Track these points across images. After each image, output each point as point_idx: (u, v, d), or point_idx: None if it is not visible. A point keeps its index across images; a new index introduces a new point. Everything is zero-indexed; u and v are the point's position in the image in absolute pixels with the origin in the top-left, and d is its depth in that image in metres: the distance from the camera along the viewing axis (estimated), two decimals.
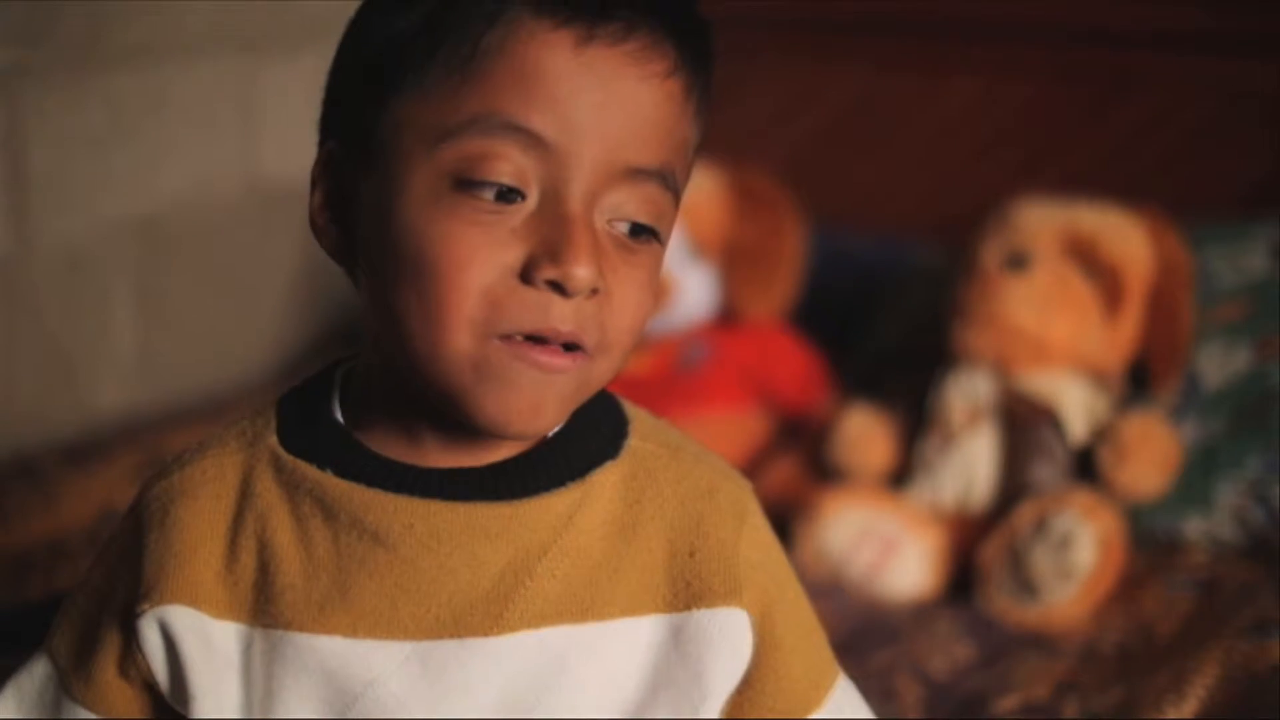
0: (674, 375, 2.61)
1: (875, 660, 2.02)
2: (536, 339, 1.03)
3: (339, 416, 1.13)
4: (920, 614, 2.19)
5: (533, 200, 1.02)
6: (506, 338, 1.02)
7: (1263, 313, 2.43)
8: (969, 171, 3.01)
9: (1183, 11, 2.83)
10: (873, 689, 1.90)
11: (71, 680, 1.16)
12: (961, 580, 2.26)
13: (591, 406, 1.14)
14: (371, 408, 1.12)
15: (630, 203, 1.05)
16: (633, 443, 1.16)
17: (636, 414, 1.19)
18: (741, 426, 2.60)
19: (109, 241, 2.65)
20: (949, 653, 2.07)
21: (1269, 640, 1.96)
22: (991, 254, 2.40)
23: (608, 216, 1.04)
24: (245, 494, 1.12)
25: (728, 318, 2.71)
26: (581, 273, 1.01)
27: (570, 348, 1.04)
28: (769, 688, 1.16)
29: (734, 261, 2.70)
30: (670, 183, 1.07)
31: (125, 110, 2.63)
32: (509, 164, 1.01)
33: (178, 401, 2.75)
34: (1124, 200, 2.46)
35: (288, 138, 2.87)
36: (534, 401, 1.04)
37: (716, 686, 1.14)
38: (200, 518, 1.12)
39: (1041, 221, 2.41)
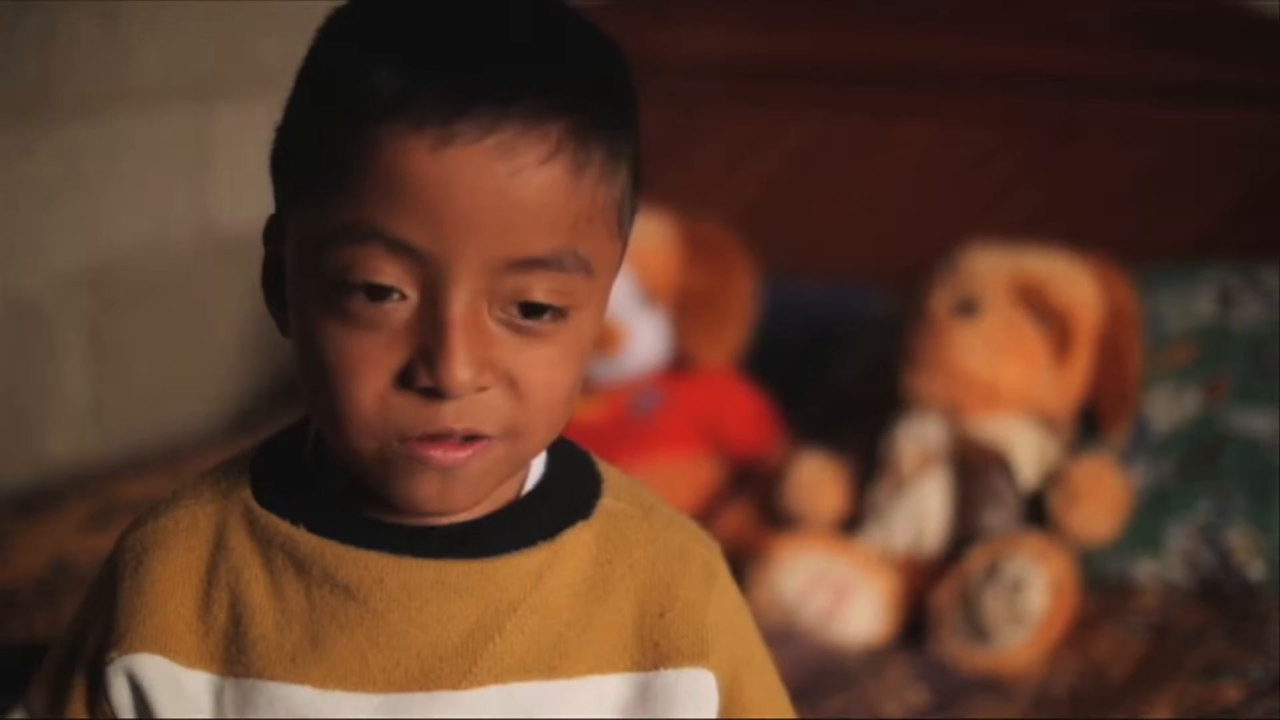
0: (626, 422, 2.61)
1: (829, 706, 2.02)
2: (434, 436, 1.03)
3: (310, 470, 1.14)
4: (873, 659, 2.19)
5: (413, 300, 1.00)
6: (403, 439, 1.03)
7: (1211, 356, 2.45)
8: (920, 218, 3.03)
9: (1131, 58, 2.86)
10: None
11: None
12: (914, 625, 2.26)
13: (565, 465, 1.15)
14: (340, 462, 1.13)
15: (525, 290, 1.01)
16: (605, 502, 1.16)
17: (610, 473, 1.19)
18: (694, 473, 2.60)
19: (61, 291, 2.65)
20: (902, 698, 2.07)
21: (1220, 683, 1.97)
22: (941, 300, 2.41)
23: (501, 305, 1.01)
24: (219, 546, 1.12)
25: (679, 365, 2.72)
26: (458, 377, 0.99)
27: (472, 438, 1.03)
28: None
29: (685, 309, 2.70)
30: (570, 264, 1.02)
31: (76, 159, 2.63)
32: (380, 270, 0.99)
33: (130, 451, 2.74)
34: (1073, 246, 2.47)
35: (240, 186, 2.87)
36: (440, 491, 1.05)
37: None
38: (173, 568, 1.12)
39: (991, 267, 2.42)
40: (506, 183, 0.98)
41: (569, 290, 1.03)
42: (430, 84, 0.97)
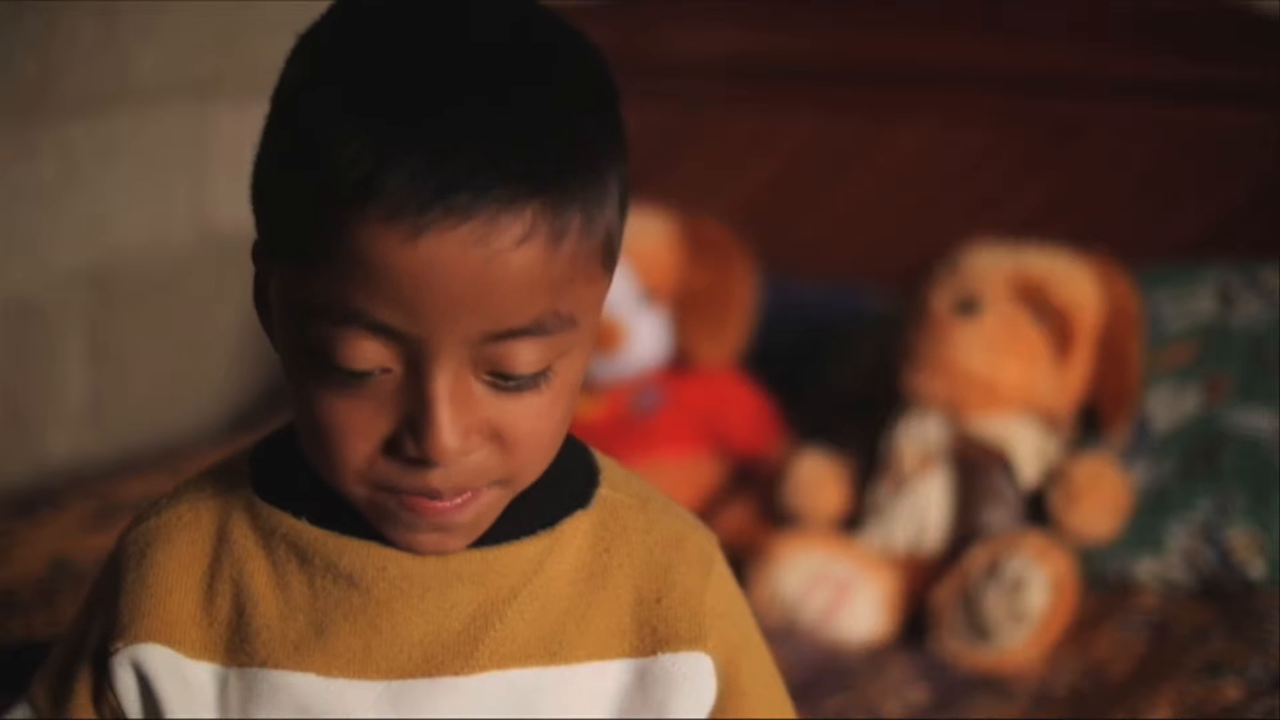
0: (626, 421, 2.61)
1: (829, 705, 2.02)
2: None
3: (310, 465, 1.14)
4: (874, 658, 2.19)
5: (397, 371, 1.00)
6: (394, 491, 1.04)
7: (1211, 355, 2.45)
8: (920, 217, 3.03)
9: (1131, 58, 2.86)
10: None
11: None
12: (915, 624, 2.26)
13: (563, 456, 1.14)
14: None
15: (506, 359, 1.01)
16: (603, 492, 1.17)
17: (607, 464, 1.20)
18: (694, 472, 2.60)
19: (60, 291, 2.64)
20: (903, 696, 2.07)
21: (1221, 681, 1.97)
22: (942, 299, 2.41)
23: (485, 370, 1.01)
24: (221, 540, 1.13)
25: (680, 363, 2.72)
26: (446, 449, 1.00)
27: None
28: None
29: (685, 307, 2.70)
30: (552, 325, 1.01)
31: (76, 159, 2.63)
32: (361, 350, 0.99)
33: (129, 451, 2.74)
34: (1073, 245, 2.48)
35: (240, 186, 2.83)
36: (436, 539, 1.07)
37: None
38: (176, 561, 1.13)
39: (991, 266, 2.42)
40: (483, 268, 0.96)
41: (553, 349, 1.02)
42: (400, 171, 0.95)
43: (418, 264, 0.96)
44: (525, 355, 1.01)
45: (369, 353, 0.99)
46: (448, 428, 1.00)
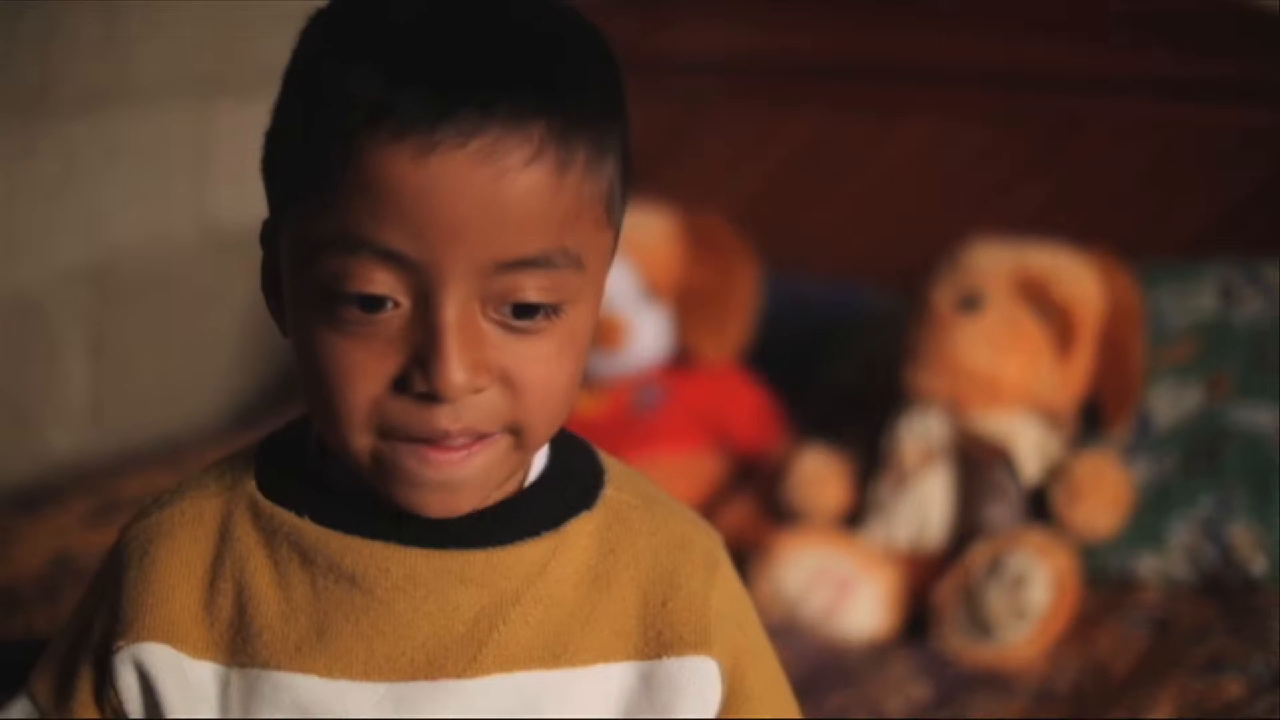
0: (628, 417, 2.61)
1: (831, 702, 2.02)
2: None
3: (315, 463, 1.14)
4: (876, 654, 2.19)
5: (406, 306, 1.01)
6: (401, 439, 1.03)
7: (1212, 352, 2.45)
8: (922, 214, 3.03)
9: (1132, 55, 2.86)
10: None
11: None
12: (917, 620, 2.26)
13: (567, 457, 1.16)
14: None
15: (515, 290, 1.01)
16: (608, 493, 1.17)
17: (612, 464, 1.20)
18: (696, 468, 2.60)
19: (61, 288, 2.64)
20: (905, 693, 2.07)
21: (1222, 678, 1.97)
22: (944, 295, 2.41)
23: (494, 305, 1.02)
24: (223, 537, 1.13)
25: (682, 360, 2.72)
26: (454, 381, 1.00)
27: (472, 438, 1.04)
28: None
29: (688, 304, 2.70)
30: (560, 261, 1.02)
31: (77, 157, 2.63)
32: (371, 280, 0.99)
33: (131, 448, 2.74)
34: (1075, 241, 2.48)
35: (242, 183, 2.86)
36: (442, 495, 1.06)
37: None
38: (178, 558, 1.13)
39: (993, 263, 2.42)
40: (491, 187, 0.98)
41: (560, 286, 1.03)
42: (408, 91, 0.97)
43: (427, 183, 0.97)
44: (534, 288, 1.02)
45: (379, 281, 0.99)
46: (456, 358, 1.00)
